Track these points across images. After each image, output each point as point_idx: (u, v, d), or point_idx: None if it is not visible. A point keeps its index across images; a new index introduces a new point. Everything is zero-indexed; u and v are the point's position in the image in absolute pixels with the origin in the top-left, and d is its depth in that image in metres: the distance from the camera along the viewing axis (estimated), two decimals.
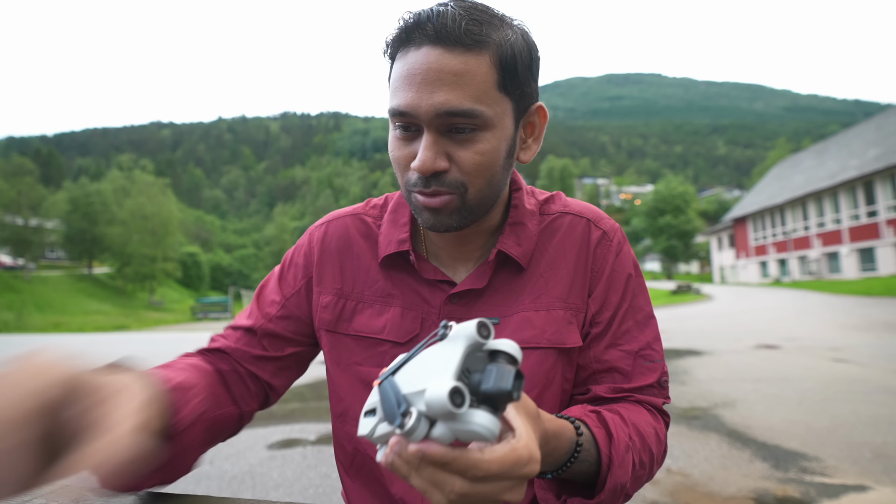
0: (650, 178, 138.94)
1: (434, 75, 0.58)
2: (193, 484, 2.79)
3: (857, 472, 2.59)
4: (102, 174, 75.66)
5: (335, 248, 0.78)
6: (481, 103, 0.59)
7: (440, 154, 0.61)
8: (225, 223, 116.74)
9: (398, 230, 0.75)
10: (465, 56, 0.58)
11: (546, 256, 0.73)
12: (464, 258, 0.74)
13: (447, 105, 0.58)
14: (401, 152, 0.64)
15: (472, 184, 0.63)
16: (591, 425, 0.60)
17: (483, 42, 0.59)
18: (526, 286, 0.71)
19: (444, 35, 0.58)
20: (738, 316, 12.38)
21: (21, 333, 23.15)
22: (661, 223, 48.60)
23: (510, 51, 0.61)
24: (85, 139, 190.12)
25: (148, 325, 31.64)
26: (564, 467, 0.56)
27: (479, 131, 0.61)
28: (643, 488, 2.49)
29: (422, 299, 0.72)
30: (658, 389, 0.71)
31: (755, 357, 6.29)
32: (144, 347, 12.21)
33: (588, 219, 0.76)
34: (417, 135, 0.62)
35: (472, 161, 0.61)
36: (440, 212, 0.64)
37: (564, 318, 0.70)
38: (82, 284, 45.34)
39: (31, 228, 42.08)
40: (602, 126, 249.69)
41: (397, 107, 0.61)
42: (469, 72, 0.58)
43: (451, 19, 0.58)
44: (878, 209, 24.01)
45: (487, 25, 0.60)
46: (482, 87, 0.59)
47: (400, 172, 0.66)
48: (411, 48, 0.60)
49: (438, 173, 0.62)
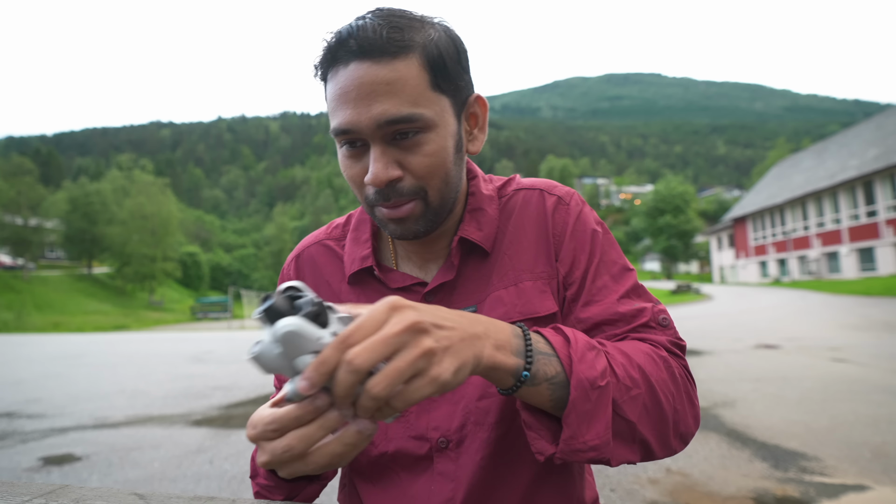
0: (650, 178, 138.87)
1: (367, 88, 0.58)
2: (193, 484, 2.79)
3: (857, 471, 2.59)
4: (102, 174, 75.61)
5: (309, 281, 0.79)
6: (419, 106, 0.60)
7: (390, 163, 0.61)
8: (225, 223, 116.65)
9: (360, 247, 0.75)
10: (392, 64, 0.58)
11: (507, 235, 0.73)
12: (434, 257, 0.74)
13: (386, 115, 0.58)
14: (353, 170, 0.64)
15: (429, 186, 0.64)
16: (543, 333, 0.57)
17: (407, 46, 0.59)
18: (493, 268, 0.72)
19: (368, 48, 0.58)
20: (738, 316, 12.39)
21: (21, 333, 23.14)
22: (660, 223, 48.64)
23: (436, 50, 0.61)
24: (84, 139, 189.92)
25: (148, 324, 31.65)
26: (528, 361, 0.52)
27: (422, 133, 0.61)
28: (644, 488, 2.49)
29: None
30: (656, 328, 0.66)
31: (755, 357, 6.29)
32: (144, 347, 12.21)
33: (541, 189, 0.76)
34: (365, 150, 0.63)
35: (423, 164, 0.62)
36: (406, 220, 0.65)
37: (535, 287, 0.70)
38: (82, 284, 45.32)
39: (31, 228, 42.08)
40: (602, 126, 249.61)
41: (339, 126, 0.61)
42: (400, 78, 0.59)
43: (371, 31, 0.58)
44: (877, 209, 24.03)
45: (408, 29, 0.60)
46: (416, 90, 0.59)
47: (358, 190, 0.66)
48: (339, 67, 0.60)
49: (393, 182, 0.62)
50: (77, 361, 9.25)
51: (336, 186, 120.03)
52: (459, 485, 0.67)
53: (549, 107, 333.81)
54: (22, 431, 4.05)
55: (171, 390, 5.76)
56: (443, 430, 0.68)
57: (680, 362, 0.64)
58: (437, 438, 0.68)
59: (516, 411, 0.67)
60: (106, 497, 0.58)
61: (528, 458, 0.69)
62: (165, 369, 7.72)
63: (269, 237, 74.93)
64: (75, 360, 9.39)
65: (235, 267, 72.10)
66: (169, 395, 5.44)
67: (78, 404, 5.08)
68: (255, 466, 0.68)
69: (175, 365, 8.26)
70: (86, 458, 3.28)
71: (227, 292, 42.11)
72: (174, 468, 3.05)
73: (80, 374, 7.44)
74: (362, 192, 0.66)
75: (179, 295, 54.61)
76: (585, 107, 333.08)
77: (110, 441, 3.69)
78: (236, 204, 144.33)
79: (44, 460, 3.27)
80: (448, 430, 0.68)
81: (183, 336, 16.94)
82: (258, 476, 0.67)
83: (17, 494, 0.57)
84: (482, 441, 0.67)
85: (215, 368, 7.61)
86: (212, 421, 4.25)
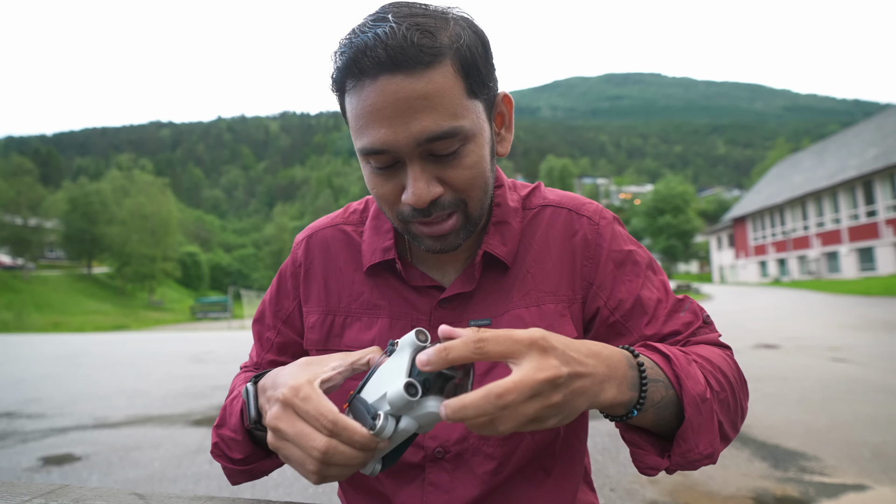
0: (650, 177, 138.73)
1: (403, 104, 0.53)
2: (193, 483, 2.79)
3: (856, 471, 2.60)
4: (102, 174, 75.60)
5: (318, 264, 0.76)
6: (458, 118, 0.56)
7: (431, 181, 0.58)
8: (224, 223, 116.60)
9: (381, 237, 0.72)
10: (427, 74, 0.53)
11: (531, 252, 0.71)
12: (452, 260, 0.72)
13: (426, 132, 0.54)
14: (384, 188, 0.60)
15: (470, 197, 0.61)
16: (642, 353, 0.56)
17: (440, 53, 0.54)
18: (514, 284, 0.70)
19: (400, 58, 0.52)
20: (738, 315, 12.39)
21: (20, 333, 23.13)
22: (660, 223, 48.56)
23: (468, 52, 0.56)
24: (84, 139, 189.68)
25: (147, 324, 31.63)
26: (641, 396, 0.51)
27: (462, 146, 0.57)
28: (644, 488, 2.50)
29: (410, 306, 0.71)
30: (704, 328, 0.69)
31: (754, 357, 6.28)
32: (144, 347, 12.20)
33: (569, 208, 0.74)
34: (398, 169, 0.58)
35: (464, 177, 0.59)
36: (447, 236, 0.62)
37: (556, 311, 0.69)
38: (82, 284, 45.31)
39: (31, 228, 42.07)
40: (602, 126, 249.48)
41: (371, 146, 0.56)
42: (438, 91, 0.54)
43: (401, 38, 0.52)
44: (877, 209, 24.03)
45: (437, 31, 0.55)
46: (454, 101, 0.55)
47: (388, 208, 0.62)
48: (366, 80, 0.54)
49: (434, 200, 0.59)
50: (77, 361, 9.24)
51: (336, 186, 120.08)
52: (455, 498, 0.65)
53: (549, 106, 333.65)
54: (22, 431, 4.04)
55: (170, 390, 5.76)
56: (441, 440, 0.66)
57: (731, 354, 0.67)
58: (434, 448, 0.66)
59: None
60: (106, 497, 0.58)
61: (534, 475, 0.68)
62: (165, 369, 7.71)
63: (269, 237, 74.85)
64: (75, 360, 9.38)
65: (235, 267, 72.08)
66: (169, 395, 5.44)
67: (78, 404, 5.07)
68: (226, 415, 0.66)
69: (175, 365, 8.25)
70: (86, 458, 3.28)
71: (226, 292, 42.11)
72: (174, 468, 3.04)
73: (80, 374, 7.44)
74: (394, 209, 0.62)
75: (179, 295, 54.58)
76: (585, 107, 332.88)
77: (110, 441, 3.69)
78: (236, 204, 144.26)
79: (44, 460, 3.27)
80: (447, 440, 0.66)
81: (183, 336, 16.93)
82: (224, 426, 0.65)
83: (17, 494, 0.57)
84: (486, 456, 0.66)
85: (215, 368, 7.61)
86: (212, 421, 4.24)
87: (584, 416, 0.76)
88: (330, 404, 0.46)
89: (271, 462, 0.66)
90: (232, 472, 0.67)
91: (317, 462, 0.45)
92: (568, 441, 0.72)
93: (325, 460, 0.44)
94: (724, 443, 0.60)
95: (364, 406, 0.45)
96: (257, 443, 0.64)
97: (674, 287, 6.87)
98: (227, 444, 0.64)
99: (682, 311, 0.69)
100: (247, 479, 0.68)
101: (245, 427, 0.63)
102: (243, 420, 0.63)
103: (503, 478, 0.66)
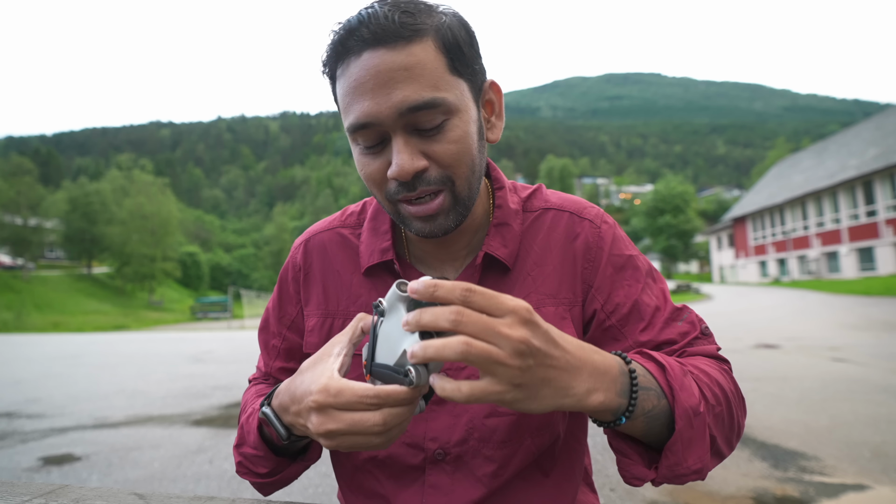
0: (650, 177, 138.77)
1: (385, 76, 0.55)
2: (193, 484, 2.79)
3: (856, 471, 2.60)
4: (101, 174, 75.65)
5: (317, 268, 0.77)
6: (440, 90, 0.57)
7: (415, 153, 0.58)
8: (224, 223, 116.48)
9: (379, 238, 0.72)
10: (408, 48, 0.55)
11: (532, 254, 0.71)
12: (450, 259, 0.72)
13: (408, 101, 0.55)
14: (371, 167, 0.61)
15: (456, 175, 0.61)
16: (636, 360, 0.56)
17: (421, 30, 0.56)
18: (514, 286, 0.70)
19: (381, 34, 0.55)
20: (738, 315, 12.39)
21: (20, 333, 23.12)
22: (660, 223, 48.57)
23: (449, 33, 0.58)
24: (84, 139, 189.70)
25: (147, 324, 31.62)
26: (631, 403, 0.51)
27: (446, 119, 0.58)
28: (644, 488, 2.49)
29: None
30: (702, 339, 0.68)
31: (754, 356, 6.29)
32: (144, 347, 12.20)
33: (570, 212, 0.74)
34: (384, 146, 0.60)
35: (449, 151, 0.59)
36: (436, 216, 0.62)
37: (556, 313, 0.69)
38: (81, 284, 45.31)
39: (31, 228, 42.08)
40: (602, 126, 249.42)
41: (357, 119, 0.57)
42: (418, 62, 0.56)
43: (383, 17, 0.55)
44: (877, 209, 24.04)
45: (419, 14, 0.57)
46: (435, 73, 0.56)
47: (377, 188, 0.63)
48: (351, 58, 0.57)
49: (419, 174, 0.59)
50: (77, 361, 9.24)
51: (336, 186, 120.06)
52: (455, 500, 0.65)
53: (549, 106, 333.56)
54: (22, 431, 4.04)
55: (170, 390, 5.76)
56: (441, 442, 0.66)
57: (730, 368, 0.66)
58: (434, 450, 0.66)
59: (527, 431, 0.66)
60: (106, 497, 0.58)
61: (533, 476, 0.68)
62: (165, 369, 7.71)
63: (269, 237, 74.86)
64: (75, 360, 9.38)
65: (235, 267, 72.02)
66: (169, 395, 5.44)
67: (78, 404, 5.07)
68: (244, 434, 0.67)
69: (175, 365, 8.25)
70: (85, 458, 3.28)
71: (226, 292, 42.11)
72: (174, 468, 3.04)
73: (80, 374, 7.43)
74: (382, 189, 0.62)
75: (179, 295, 54.57)
76: (585, 106, 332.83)
77: (110, 441, 3.69)
78: (236, 204, 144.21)
79: (44, 460, 3.27)
80: (447, 442, 0.66)
81: (183, 336, 16.93)
82: (245, 445, 0.66)
83: (17, 494, 0.58)
84: (486, 458, 0.66)
85: (215, 368, 7.61)
86: (212, 421, 4.24)
87: (584, 416, 0.75)
88: (360, 384, 0.48)
89: (297, 468, 0.67)
90: (261, 486, 0.68)
91: (380, 436, 0.47)
92: (567, 443, 0.72)
93: (386, 430, 0.47)
94: (716, 459, 0.59)
95: (387, 369, 0.47)
96: (278, 453, 0.65)
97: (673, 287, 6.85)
98: (251, 461, 0.65)
99: (680, 321, 0.68)
100: (277, 489, 0.69)
101: (265, 442, 0.64)
102: (261, 436, 0.64)
103: (503, 480, 0.66)
